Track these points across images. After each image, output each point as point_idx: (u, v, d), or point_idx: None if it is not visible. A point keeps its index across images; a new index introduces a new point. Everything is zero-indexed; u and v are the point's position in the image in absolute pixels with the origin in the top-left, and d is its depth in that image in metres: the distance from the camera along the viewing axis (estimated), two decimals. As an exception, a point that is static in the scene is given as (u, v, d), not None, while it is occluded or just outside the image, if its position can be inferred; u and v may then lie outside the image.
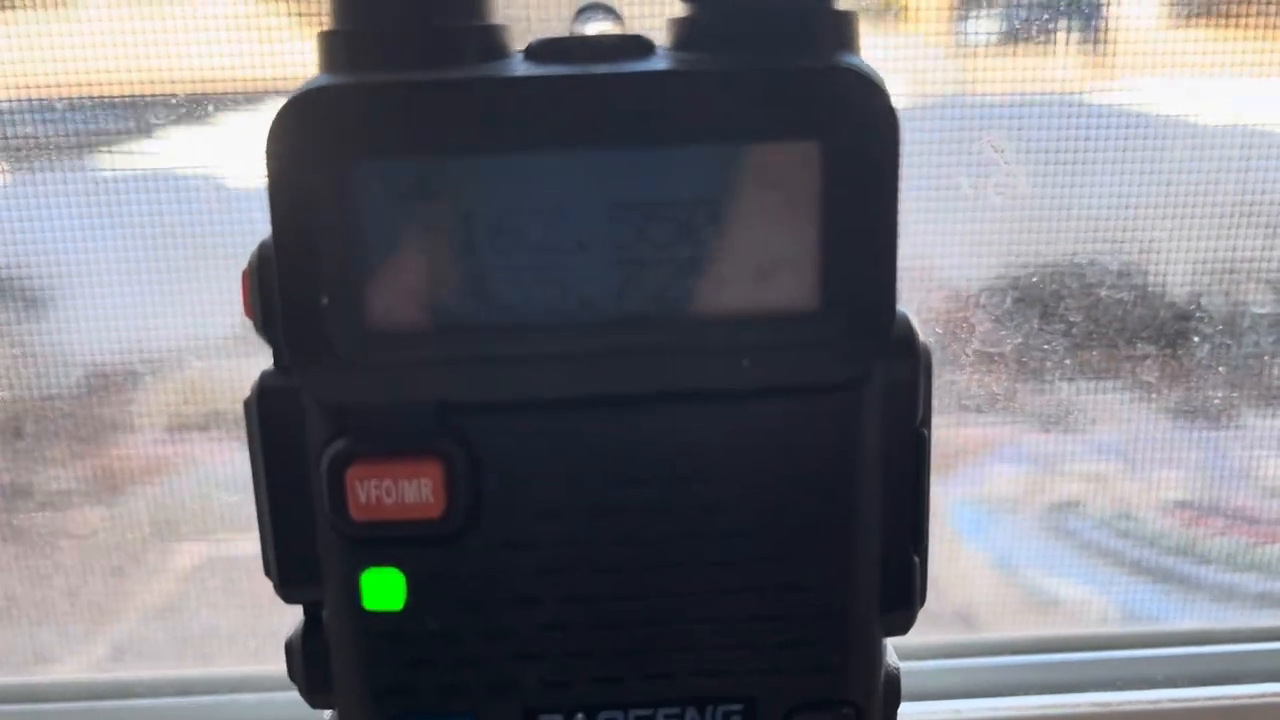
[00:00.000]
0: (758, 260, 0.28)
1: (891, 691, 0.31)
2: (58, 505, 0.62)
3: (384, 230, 0.27)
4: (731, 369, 0.28)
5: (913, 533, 0.30)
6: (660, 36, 0.29)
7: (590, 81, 0.27)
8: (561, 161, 0.27)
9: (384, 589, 0.29)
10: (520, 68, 0.28)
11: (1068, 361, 0.60)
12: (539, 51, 0.28)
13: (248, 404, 0.29)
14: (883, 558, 0.30)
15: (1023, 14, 0.58)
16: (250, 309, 0.29)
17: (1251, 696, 0.59)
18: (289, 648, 0.31)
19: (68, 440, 0.62)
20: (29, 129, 0.56)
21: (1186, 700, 0.59)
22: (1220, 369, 0.61)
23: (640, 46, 0.28)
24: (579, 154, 0.27)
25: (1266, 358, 0.62)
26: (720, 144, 0.27)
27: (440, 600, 0.29)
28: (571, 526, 0.29)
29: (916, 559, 0.31)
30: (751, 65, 0.27)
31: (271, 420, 0.29)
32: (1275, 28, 0.59)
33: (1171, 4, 0.58)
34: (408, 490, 0.28)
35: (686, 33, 0.29)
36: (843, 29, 0.29)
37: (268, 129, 0.27)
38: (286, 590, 0.30)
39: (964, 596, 0.65)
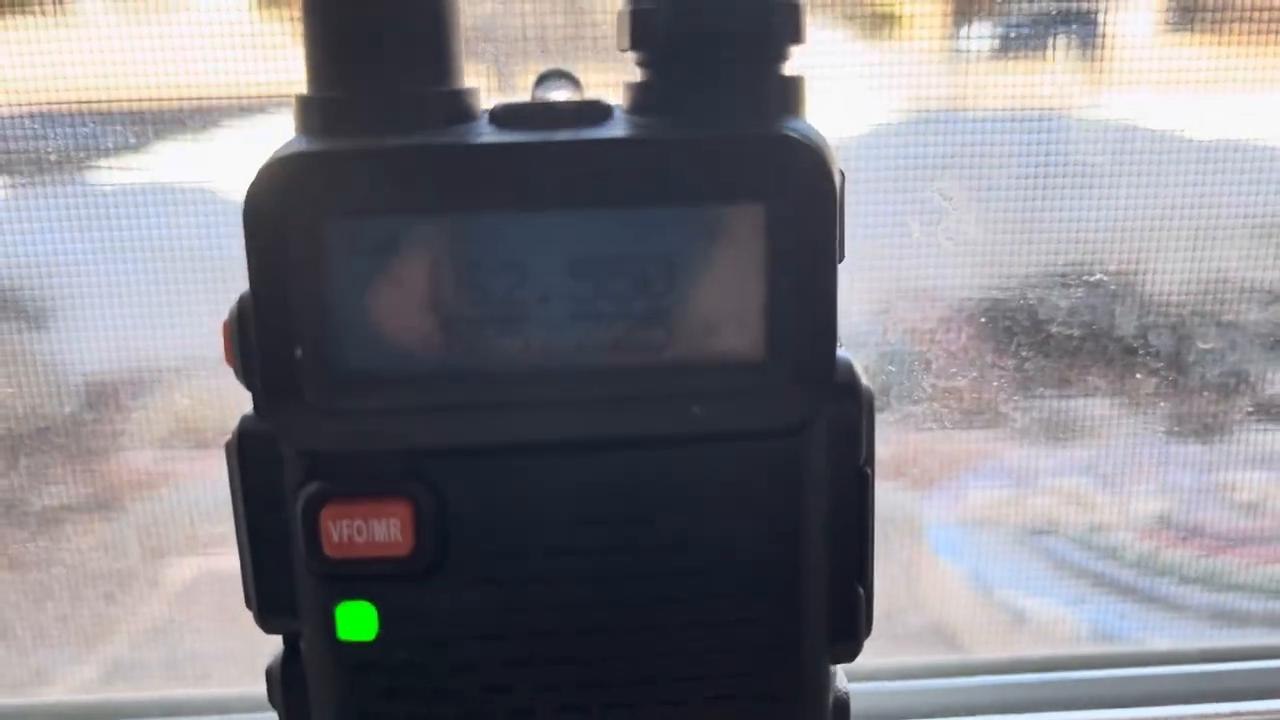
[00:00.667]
0: (708, 313, 0.30)
1: (841, 715, 0.33)
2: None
3: (354, 286, 0.29)
4: (684, 415, 0.30)
5: (858, 566, 0.32)
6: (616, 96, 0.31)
7: (551, 148, 0.29)
8: (523, 221, 0.29)
9: (357, 621, 0.31)
10: (485, 132, 0.30)
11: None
12: (502, 117, 0.30)
13: (229, 447, 0.31)
14: (830, 591, 0.32)
15: (1018, 26, 0.59)
16: (231, 358, 0.31)
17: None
18: (269, 675, 0.33)
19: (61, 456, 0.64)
20: (24, 143, 0.57)
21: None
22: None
23: (598, 111, 0.30)
24: (540, 215, 0.29)
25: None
26: (673, 206, 0.29)
27: (410, 633, 0.31)
28: (533, 565, 0.31)
29: (862, 591, 0.32)
30: (702, 132, 0.29)
31: (251, 463, 0.31)
32: (1266, 42, 0.60)
33: (1166, 18, 0.59)
34: (378, 529, 0.30)
35: (642, 97, 0.31)
36: (790, 95, 0.30)
37: (245, 190, 0.29)
38: (266, 621, 0.32)
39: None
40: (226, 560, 0.64)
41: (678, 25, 0.30)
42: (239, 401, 0.32)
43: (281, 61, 0.57)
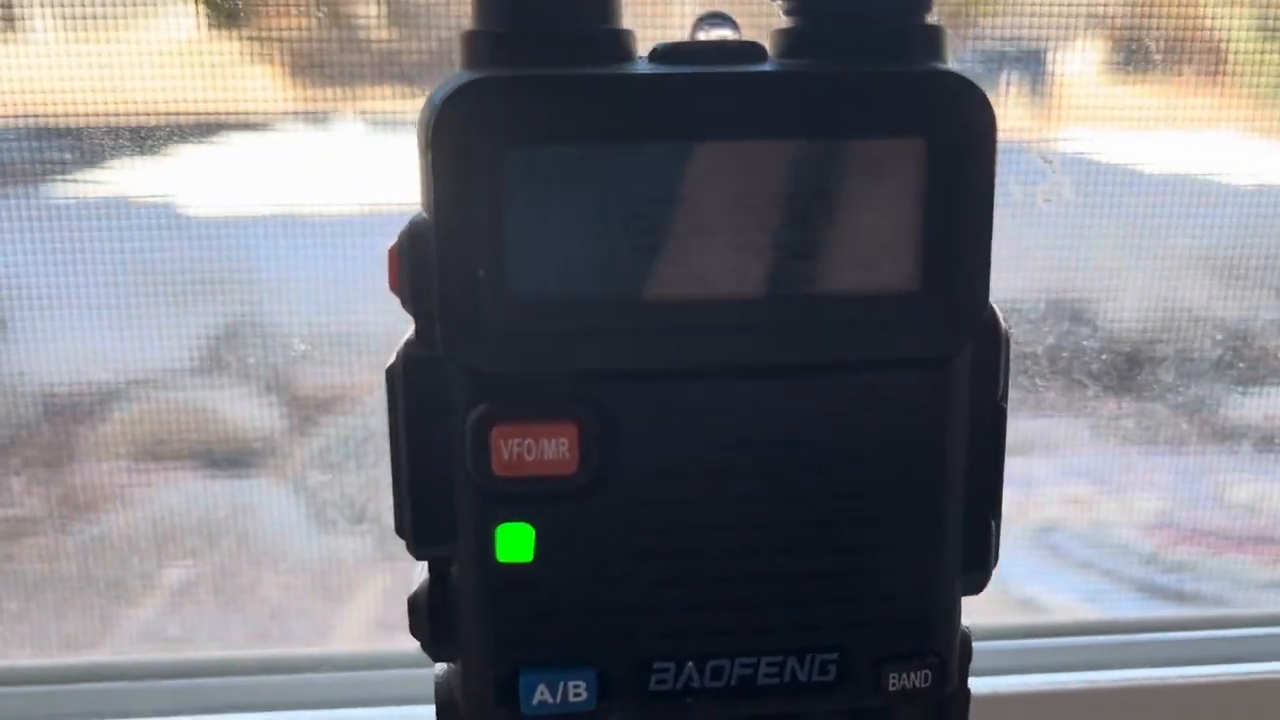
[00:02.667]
0: (867, 245, 0.32)
1: (965, 648, 0.35)
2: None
3: (532, 212, 0.31)
4: (839, 344, 0.32)
5: (990, 499, 0.34)
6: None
7: (716, 80, 0.31)
8: (688, 152, 0.31)
9: (516, 543, 0.32)
10: (649, 68, 0.31)
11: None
12: (664, 55, 0.32)
13: (391, 371, 0.32)
14: (965, 520, 0.34)
15: (969, 64, 0.63)
16: (397, 284, 0.32)
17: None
18: (413, 604, 0.34)
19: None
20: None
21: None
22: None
23: (756, 52, 0.32)
24: (705, 146, 0.31)
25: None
26: (835, 139, 0.31)
27: (567, 554, 0.32)
28: (689, 487, 0.32)
29: (993, 523, 0.34)
30: (860, 68, 0.31)
31: (414, 386, 0.32)
32: (1210, 84, 0.64)
33: (1111, 60, 0.63)
34: (547, 448, 0.31)
35: (792, 42, 0.32)
36: (934, 41, 0.32)
37: (425, 118, 0.31)
38: (419, 547, 0.33)
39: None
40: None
41: None
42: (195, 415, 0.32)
43: (231, 80, 0.58)
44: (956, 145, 0.31)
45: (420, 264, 0.31)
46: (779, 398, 0.32)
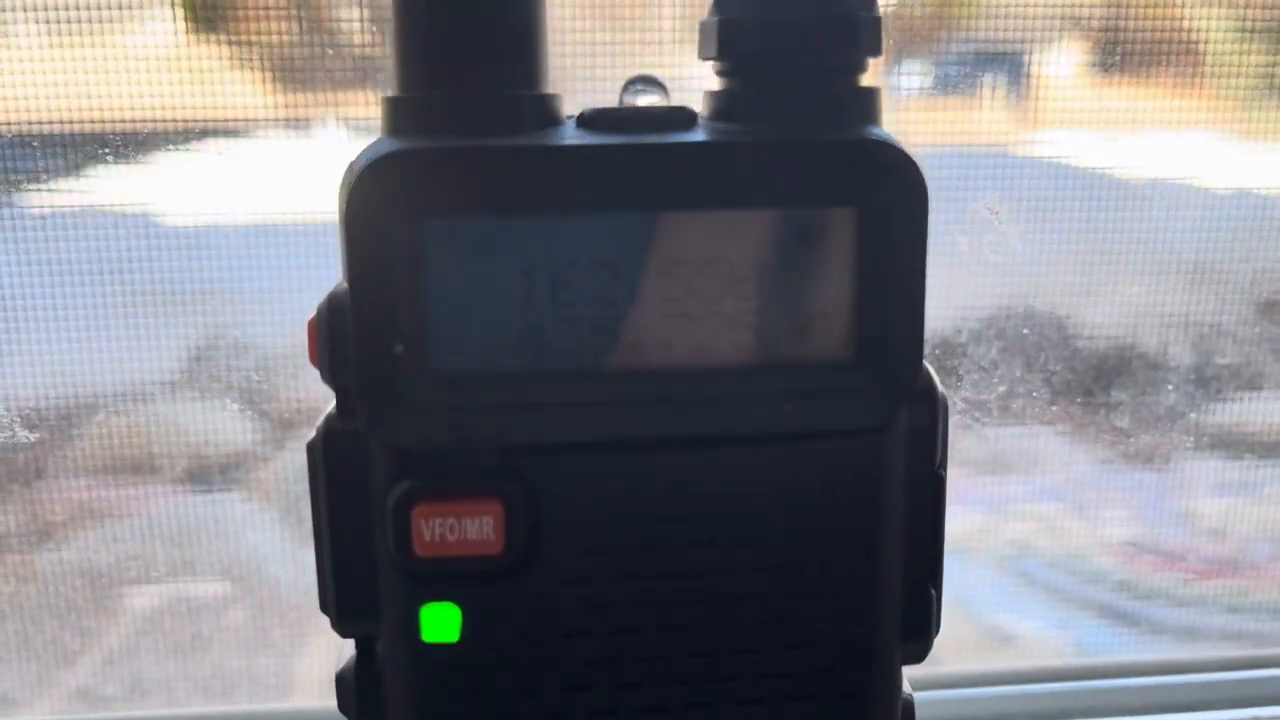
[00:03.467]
0: (797, 315, 0.31)
1: (908, 715, 0.34)
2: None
3: (452, 284, 0.30)
4: (771, 414, 0.31)
5: (930, 567, 0.34)
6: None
7: (643, 150, 0.30)
8: (614, 223, 0.30)
9: (441, 622, 0.31)
10: (575, 135, 0.30)
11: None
12: (592, 120, 0.31)
13: (312, 446, 0.31)
14: (902, 590, 0.33)
15: (950, 68, 0.62)
16: (316, 358, 0.31)
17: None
18: (341, 681, 0.33)
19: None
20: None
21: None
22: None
23: (685, 118, 0.31)
24: (630, 216, 0.30)
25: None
26: (765, 208, 0.30)
27: (495, 633, 0.32)
28: (619, 563, 0.32)
29: (933, 591, 0.34)
30: (790, 137, 0.30)
31: (335, 462, 0.31)
32: (1188, 86, 0.63)
33: (1091, 62, 0.62)
34: (470, 528, 0.31)
35: (723, 105, 0.32)
36: (867, 104, 0.32)
37: (344, 188, 0.30)
38: (343, 624, 0.32)
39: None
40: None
41: (764, 36, 0.31)
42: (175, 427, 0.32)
43: (212, 87, 0.58)
44: (889, 215, 0.30)
45: (339, 337, 0.30)
46: (710, 470, 0.32)
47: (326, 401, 0.32)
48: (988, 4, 0.61)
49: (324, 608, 0.33)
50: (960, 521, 0.67)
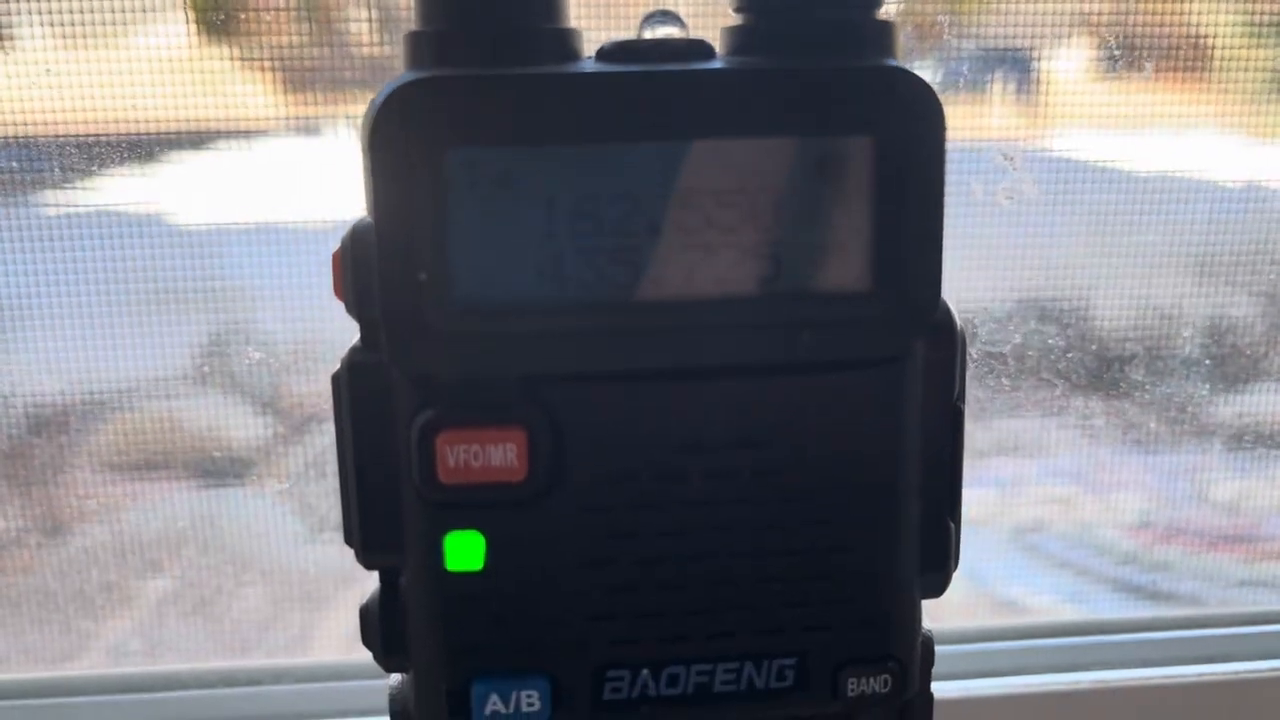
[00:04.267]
0: (815, 244, 0.31)
1: (927, 652, 0.34)
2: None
3: (475, 213, 0.30)
4: (790, 344, 0.31)
5: (949, 499, 0.33)
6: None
7: (663, 78, 0.30)
8: (636, 152, 0.30)
9: (465, 551, 0.31)
10: (595, 67, 0.31)
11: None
12: (611, 53, 0.31)
13: (336, 378, 0.31)
14: (921, 522, 0.33)
15: (960, 65, 0.62)
16: (340, 289, 0.31)
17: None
18: (364, 614, 0.33)
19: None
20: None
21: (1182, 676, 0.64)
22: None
23: (703, 50, 0.31)
24: (651, 145, 0.30)
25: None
26: (783, 136, 0.30)
27: (518, 561, 0.31)
28: (641, 490, 0.31)
29: (952, 524, 0.33)
30: (808, 65, 0.30)
31: (359, 393, 0.31)
32: (1196, 83, 0.63)
33: (1099, 60, 0.63)
34: (494, 455, 0.30)
35: (740, 40, 0.32)
36: (884, 36, 0.31)
37: (366, 119, 0.30)
38: (368, 556, 0.32)
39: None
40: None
41: None
42: (189, 426, 0.32)
43: (222, 90, 0.58)
44: (905, 143, 0.30)
45: (363, 268, 0.30)
46: (731, 399, 0.31)
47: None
48: (997, 2, 0.61)
49: (348, 540, 0.33)
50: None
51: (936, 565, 0.34)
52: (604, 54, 0.31)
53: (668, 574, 0.32)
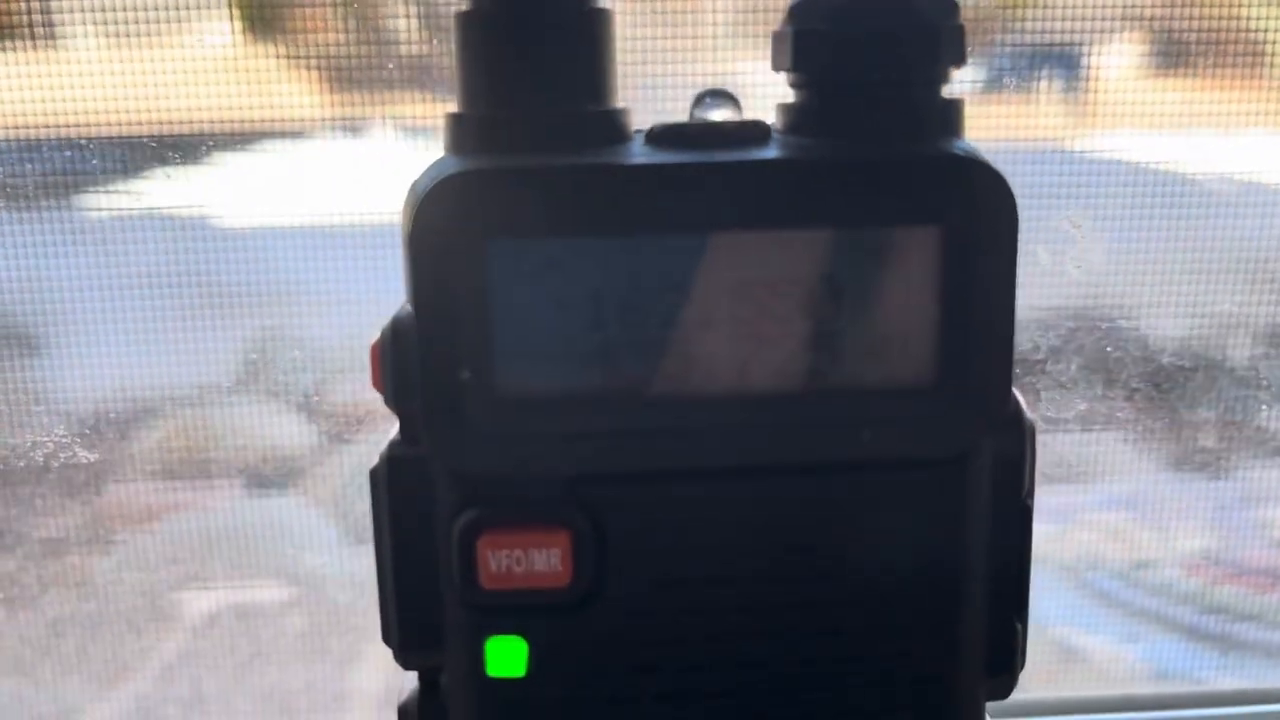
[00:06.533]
0: (877, 338, 0.28)
1: None
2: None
3: (519, 308, 0.28)
4: (851, 442, 0.29)
5: (1016, 600, 0.31)
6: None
7: (715, 169, 0.28)
8: (687, 243, 0.28)
9: (507, 656, 0.29)
10: (644, 152, 0.28)
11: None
12: (661, 136, 0.28)
13: (375, 473, 0.29)
14: (988, 623, 0.31)
15: (1005, 64, 0.59)
16: (380, 382, 0.29)
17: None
18: (403, 713, 0.31)
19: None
20: (16, 168, 0.55)
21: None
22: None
23: (759, 132, 0.29)
24: (704, 236, 0.28)
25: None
26: (845, 228, 0.28)
27: (562, 668, 0.29)
28: (690, 595, 0.29)
29: (1019, 625, 0.31)
30: (872, 153, 0.28)
31: (399, 489, 0.29)
32: (1245, 81, 0.61)
33: (1149, 57, 0.60)
34: (537, 559, 0.28)
35: (799, 119, 0.29)
36: (949, 116, 0.29)
37: (407, 210, 0.28)
38: (406, 656, 0.30)
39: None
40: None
41: (844, 47, 0.28)
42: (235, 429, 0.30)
43: (267, 90, 0.56)
44: (976, 233, 0.28)
45: (403, 361, 0.28)
46: (786, 500, 0.29)
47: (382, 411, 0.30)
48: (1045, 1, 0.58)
49: (386, 639, 0.31)
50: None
51: (1003, 668, 0.31)
52: (653, 137, 0.29)
53: (717, 682, 0.30)
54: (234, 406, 0.62)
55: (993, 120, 0.59)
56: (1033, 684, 0.64)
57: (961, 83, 0.58)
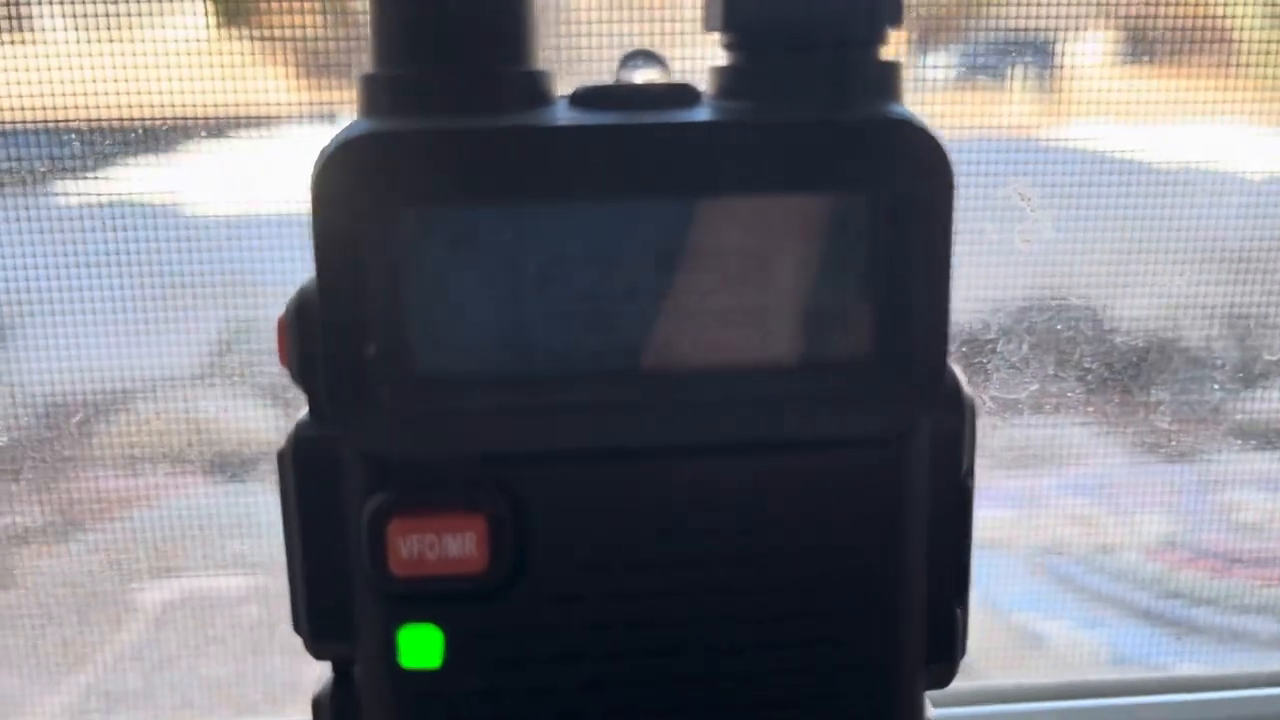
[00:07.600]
0: (809, 312, 0.27)
1: None
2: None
3: (431, 279, 0.26)
4: (780, 420, 0.27)
5: (956, 584, 0.29)
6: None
7: (639, 131, 0.26)
8: (609, 211, 0.26)
9: (421, 646, 0.27)
10: (566, 115, 0.26)
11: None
12: (585, 98, 0.27)
13: (282, 454, 0.27)
14: (927, 610, 0.29)
15: (978, 55, 0.58)
16: (286, 358, 0.27)
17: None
18: (317, 705, 0.29)
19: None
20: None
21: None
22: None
23: (687, 95, 0.27)
24: (627, 203, 0.26)
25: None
26: (773, 195, 0.26)
27: (479, 658, 0.27)
28: (614, 580, 0.27)
29: (959, 611, 0.29)
30: (803, 116, 0.26)
31: (307, 471, 0.27)
32: (1220, 73, 0.59)
33: (1120, 49, 0.58)
34: (451, 545, 0.26)
35: (730, 82, 0.27)
36: (887, 79, 0.27)
37: (312, 174, 0.26)
38: (317, 646, 0.29)
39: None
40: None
41: (775, 5, 0.26)
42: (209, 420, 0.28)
43: (241, 77, 0.54)
44: (910, 200, 0.26)
45: (308, 336, 0.26)
46: (714, 480, 0.27)
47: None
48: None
49: (297, 628, 0.29)
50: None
51: (943, 656, 0.29)
52: (578, 99, 0.27)
53: (642, 672, 0.28)
54: (200, 399, 0.60)
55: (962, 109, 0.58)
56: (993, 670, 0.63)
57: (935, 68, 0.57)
